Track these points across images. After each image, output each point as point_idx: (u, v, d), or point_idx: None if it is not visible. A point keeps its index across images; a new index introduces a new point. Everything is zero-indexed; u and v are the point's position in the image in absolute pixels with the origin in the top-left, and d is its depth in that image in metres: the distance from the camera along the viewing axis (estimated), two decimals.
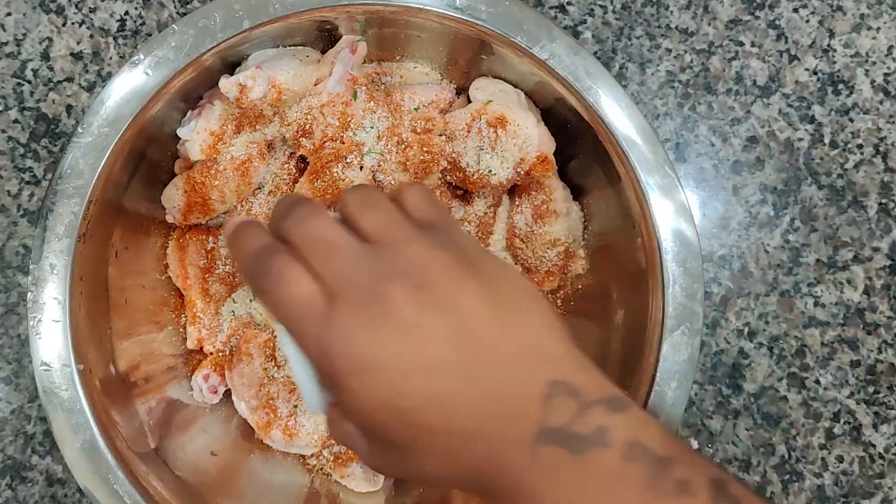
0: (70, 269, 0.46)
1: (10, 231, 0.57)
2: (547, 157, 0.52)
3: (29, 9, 0.58)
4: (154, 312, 0.55)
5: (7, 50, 0.58)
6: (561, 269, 0.54)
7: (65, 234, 0.46)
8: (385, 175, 0.50)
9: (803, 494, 0.57)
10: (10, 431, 0.56)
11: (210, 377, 0.54)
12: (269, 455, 0.54)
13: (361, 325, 0.29)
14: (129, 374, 0.50)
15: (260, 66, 0.48)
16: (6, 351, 0.57)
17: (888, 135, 0.60)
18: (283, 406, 0.52)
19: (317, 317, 0.30)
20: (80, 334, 0.46)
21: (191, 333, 0.54)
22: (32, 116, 0.58)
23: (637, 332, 0.48)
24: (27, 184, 0.58)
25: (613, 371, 0.50)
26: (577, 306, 0.56)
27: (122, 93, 0.46)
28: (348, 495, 0.54)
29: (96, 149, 0.46)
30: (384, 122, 0.50)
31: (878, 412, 0.58)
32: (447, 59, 0.54)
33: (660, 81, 0.60)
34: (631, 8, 0.60)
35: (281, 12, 0.47)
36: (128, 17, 0.59)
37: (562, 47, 0.48)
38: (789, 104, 0.60)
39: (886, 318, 0.59)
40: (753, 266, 0.59)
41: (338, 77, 0.49)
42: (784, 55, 0.60)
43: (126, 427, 0.47)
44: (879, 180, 0.59)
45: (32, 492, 0.56)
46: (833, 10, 0.60)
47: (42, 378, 0.45)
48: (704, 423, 0.58)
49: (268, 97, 0.49)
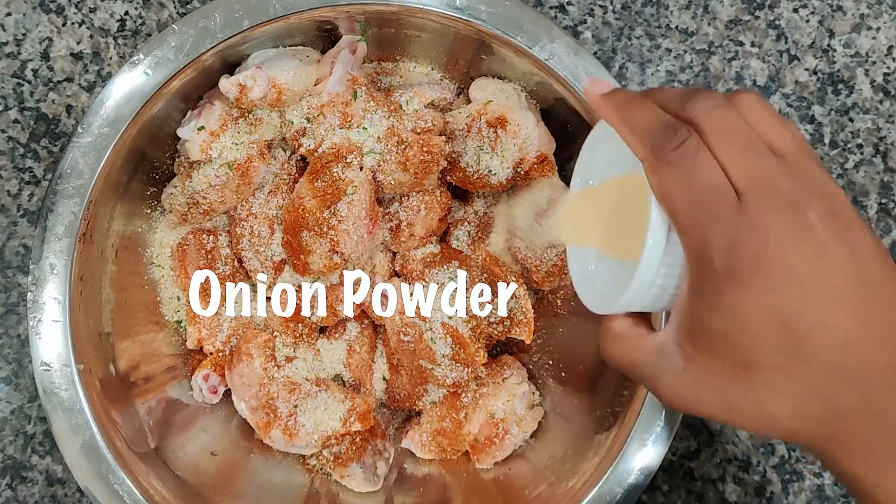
0: (70, 269, 0.46)
1: (10, 231, 0.57)
2: (547, 157, 0.52)
3: (29, 9, 0.58)
4: (154, 312, 0.55)
5: (7, 50, 0.58)
6: (561, 269, 0.54)
7: (65, 234, 0.46)
8: (385, 175, 0.50)
9: (803, 494, 0.57)
10: (10, 431, 0.56)
11: (210, 377, 0.54)
12: (269, 455, 0.54)
13: (782, 232, 0.28)
14: (129, 374, 0.50)
15: (260, 66, 0.48)
16: (6, 351, 0.57)
17: (888, 135, 0.60)
18: (283, 406, 0.52)
19: (728, 207, 0.29)
20: (80, 334, 0.46)
21: (191, 333, 0.54)
22: (32, 116, 0.58)
23: None
24: (27, 184, 0.58)
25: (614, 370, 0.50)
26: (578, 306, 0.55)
27: (122, 93, 0.46)
28: (348, 495, 0.54)
29: (96, 149, 0.46)
30: (384, 122, 0.50)
31: None
32: (447, 59, 0.54)
33: (660, 81, 0.60)
34: (631, 8, 0.60)
35: (281, 12, 0.47)
36: (128, 17, 0.59)
37: (562, 47, 0.48)
38: (789, 104, 0.60)
39: None
40: None
41: (338, 77, 0.49)
42: (784, 55, 0.60)
43: (126, 427, 0.47)
44: (879, 180, 0.59)
45: (32, 492, 0.56)
46: (833, 10, 0.60)
47: (42, 378, 0.45)
48: (704, 423, 0.58)
49: (268, 97, 0.49)
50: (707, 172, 0.29)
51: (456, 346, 0.52)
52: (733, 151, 0.30)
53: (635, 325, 0.34)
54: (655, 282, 0.32)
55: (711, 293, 0.29)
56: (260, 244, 0.52)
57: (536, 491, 0.50)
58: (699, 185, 0.29)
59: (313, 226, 0.49)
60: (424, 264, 0.54)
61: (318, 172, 0.50)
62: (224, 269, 0.54)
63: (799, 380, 0.29)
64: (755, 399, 0.30)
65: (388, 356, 0.56)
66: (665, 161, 0.30)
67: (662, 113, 0.31)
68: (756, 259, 0.28)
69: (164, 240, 0.55)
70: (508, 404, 0.54)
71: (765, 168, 0.29)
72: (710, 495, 0.57)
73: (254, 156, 0.51)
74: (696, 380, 0.31)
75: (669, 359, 0.31)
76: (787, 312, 0.28)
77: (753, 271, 0.28)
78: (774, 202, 0.29)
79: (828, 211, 0.29)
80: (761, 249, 0.28)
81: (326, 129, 0.50)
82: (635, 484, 0.46)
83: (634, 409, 0.47)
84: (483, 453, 0.54)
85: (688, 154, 0.29)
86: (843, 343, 0.28)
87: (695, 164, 0.29)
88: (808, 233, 0.28)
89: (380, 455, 0.55)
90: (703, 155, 0.29)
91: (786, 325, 0.28)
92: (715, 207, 0.29)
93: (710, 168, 0.29)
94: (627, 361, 0.33)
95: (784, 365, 0.29)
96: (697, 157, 0.29)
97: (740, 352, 0.29)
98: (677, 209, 0.30)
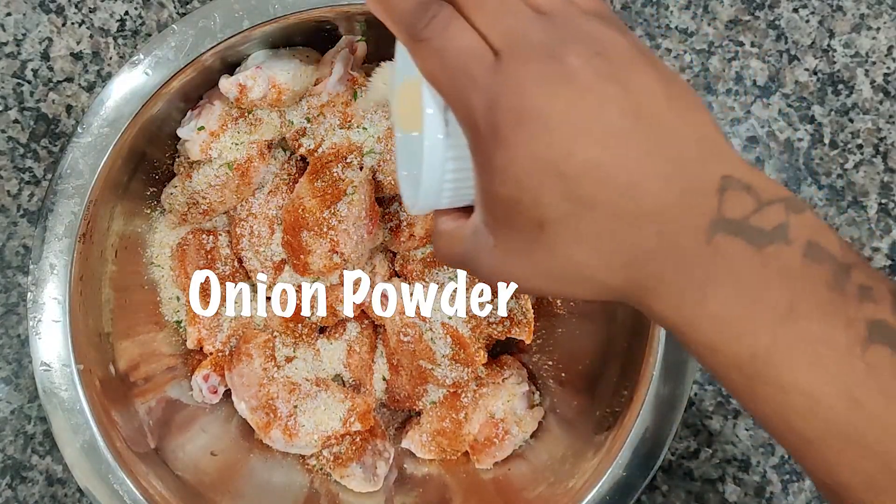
0: (70, 269, 0.46)
1: (10, 231, 0.57)
2: None
3: (29, 9, 0.58)
4: (154, 312, 0.55)
5: (7, 50, 0.58)
6: None
7: (65, 234, 0.46)
8: (385, 175, 0.50)
9: (803, 494, 0.57)
10: (10, 431, 0.56)
11: (210, 377, 0.54)
12: (269, 455, 0.54)
13: (536, 81, 0.27)
14: (129, 374, 0.50)
15: (260, 67, 0.48)
16: (6, 351, 0.57)
17: (888, 135, 0.60)
18: (283, 406, 0.52)
19: (484, 67, 0.28)
20: (80, 334, 0.46)
21: (191, 333, 0.54)
22: (32, 116, 0.58)
23: (637, 332, 0.48)
24: (27, 184, 0.58)
25: (614, 372, 0.51)
26: (578, 306, 0.56)
27: (122, 93, 0.46)
28: (348, 495, 0.54)
29: (96, 149, 0.46)
30: (384, 122, 0.50)
31: None
32: None
33: None
34: (631, 8, 0.60)
35: (281, 12, 0.47)
36: (128, 17, 0.59)
37: None
38: (789, 104, 0.60)
39: None
40: None
41: (338, 77, 0.49)
42: (784, 55, 0.60)
43: (126, 427, 0.47)
44: (879, 180, 0.59)
45: (32, 492, 0.56)
46: (833, 10, 0.60)
47: (42, 378, 0.45)
48: (704, 423, 0.58)
49: (268, 97, 0.49)
50: (459, 39, 0.29)
51: (456, 346, 0.52)
52: (486, 15, 0.29)
53: (457, 219, 0.33)
54: (447, 167, 0.31)
55: (485, 158, 0.29)
56: (260, 244, 0.52)
57: (536, 491, 0.51)
58: (453, 53, 0.28)
59: (313, 226, 0.49)
60: (424, 264, 0.54)
61: (318, 172, 0.50)
62: (224, 269, 0.54)
63: (591, 227, 0.28)
64: (562, 258, 0.29)
65: (388, 356, 0.56)
66: (421, 39, 0.29)
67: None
68: (514, 112, 0.27)
69: (164, 240, 0.55)
70: (508, 404, 0.54)
71: (520, 25, 0.28)
72: (709, 496, 0.57)
73: (254, 156, 0.51)
74: (507, 252, 0.30)
75: (482, 239, 0.30)
76: (551, 158, 0.27)
77: (513, 125, 0.27)
78: (529, 54, 0.28)
79: (592, 53, 0.28)
80: (518, 102, 0.27)
81: (326, 129, 0.50)
82: (634, 484, 0.46)
83: (634, 409, 0.47)
84: (483, 453, 0.54)
85: (439, 27, 0.29)
86: (624, 184, 0.27)
87: (447, 34, 0.29)
88: (566, 77, 0.27)
89: (380, 455, 0.55)
90: (455, 24, 0.29)
91: (557, 173, 0.27)
92: (471, 70, 0.28)
93: (461, 34, 0.29)
94: (452, 254, 0.32)
95: (573, 213, 0.27)
96: (450, 27, 0.29)
97: (528, 211, 0.28)
98: (439, 83, 0.29)
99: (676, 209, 0.27)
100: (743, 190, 0.28)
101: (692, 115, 0.29)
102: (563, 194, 0.27)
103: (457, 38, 0.29)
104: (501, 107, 0.27)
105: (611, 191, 0.27)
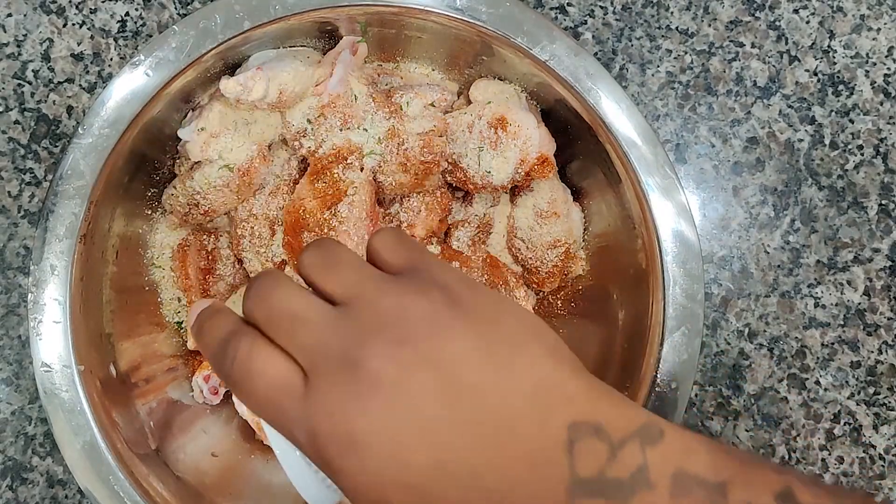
0: (71, 269, 0.46)
1: (11, 232, 0.57)
2: (547, 158, 0.52)
3: (30, 10, 0.58)
4: (154, 313, 0.55)
5: (8, 51, 0.58)
6: (561, 270, 0.54)
7: (65, 235, 0.46)
8: (385, 176, 0.50)
9: None
10: (11, 433, 0.56)
11: (211, 378, 0.54)
12: (270, 456, 0.54)
13: (343, 399, 0.26)
14: (130, 375, 0.50)
15: (260, 67, 0.48)
16: (7, 352, 0.57)
17: (888, 136, 0.60)
18: None
19: (295, 400, 0.27)
20: (81, 335, 0.46)
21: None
22: (33, 117, 0.58)
23: (637, 334, 0.48)
24: (28, 185, 0.58)
25: (614, 372, 0.50)
26: (578, 307, 0.56)
27: (123, 94, 0.46)
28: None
29: (97, 150, 0.46)
30: (385, 123, 0.50)
31: (878, 413, 0.58)
32: (447, 60, 0.54)
33: (660, 82, 0.60)
34: (631, 9, 0.60)
35: (281, 13, 0.47)
36: (128, 18, 0.59)
37: (562, 48, 0.48)
38: (789, 105, 0.60)
39: (887, 319, 0.59)
40: (754, 267, 0.59)
41: (338, 78, 0.49)
42: (784, 56, 0.60)
43: (127, 428, 0.47)
44: (880, 181, 0.59)
45: (33, 493, 0.56)
46: (833, 10, 0.60)
47: (43, 379, 0.45)
48: (705, 425, 0.58)
49: (268, 98, 0.49)
50: (264, 374, 0.27)
51: None
52: (284, 333, 0.28)
53: None
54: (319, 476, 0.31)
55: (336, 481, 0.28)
56: (260, 245, 0.52)
57: None
58: (262, 391, 0.27)
59: (314, 227, 0.49)
60: None
61: (319, 173, 0.50)
62: (224, 270, 0.54)
63: None
64: None
65: None
66: (231, 382, 0.28)
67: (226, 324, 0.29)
68: (335, 440, 0.26)
69: (165, 241, 0.55)
70: None
71: (315, 335, 0.27)
72: None
73: (254, 157, 0.51)
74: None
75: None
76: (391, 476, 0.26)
77: (340, 455, 0.26)
78: (328, 371, 0.26)
79: (394, 344, 0.26)
80: (333, 429, 0.26)
81: (327, 130, 0.50)
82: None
83: None
84: None
85: (243, 366, 0.28)
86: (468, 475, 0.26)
87: (253, 370, 0.27)
88: (371, 387, 0.26)
89: None
90: (257, 356, 0.28)
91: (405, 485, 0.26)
92: (283, 406, 0.27)
93: (266, 366, 0.27)
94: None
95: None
96: (253, 362, 0.27)
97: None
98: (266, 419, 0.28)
99: (530, 484, 0.26)
100: (593, 436, 0.26)
101: (519, 362, 0.27)
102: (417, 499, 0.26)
103: (262, 373, 0.27)
104: (321, 437, 0.26)
105: (457, 486, 0.26)
